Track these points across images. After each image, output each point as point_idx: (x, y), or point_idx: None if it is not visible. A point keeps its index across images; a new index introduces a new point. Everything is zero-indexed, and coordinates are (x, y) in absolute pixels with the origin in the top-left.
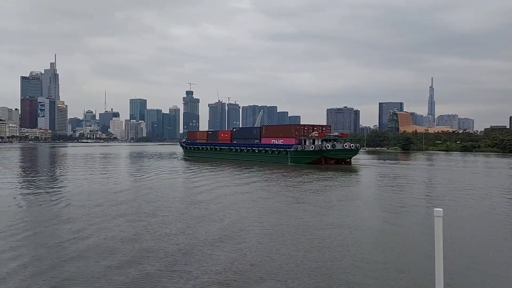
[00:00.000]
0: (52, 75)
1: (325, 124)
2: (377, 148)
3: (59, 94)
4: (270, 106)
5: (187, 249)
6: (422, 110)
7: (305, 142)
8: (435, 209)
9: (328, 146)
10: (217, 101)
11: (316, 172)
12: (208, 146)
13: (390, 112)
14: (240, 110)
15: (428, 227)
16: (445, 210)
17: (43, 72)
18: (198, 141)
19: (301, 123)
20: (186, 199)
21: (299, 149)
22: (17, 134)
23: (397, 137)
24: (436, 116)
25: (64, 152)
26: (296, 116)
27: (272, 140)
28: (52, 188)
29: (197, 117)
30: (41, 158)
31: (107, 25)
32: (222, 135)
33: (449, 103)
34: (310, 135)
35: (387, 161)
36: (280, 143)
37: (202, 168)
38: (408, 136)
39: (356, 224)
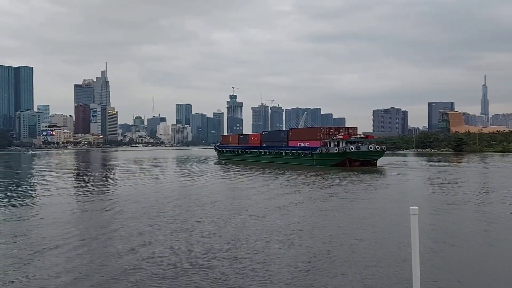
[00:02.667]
0: (103, 82)
1: (371, 125)
2: (427, 149)
3: (110, 101)
4: (314, 108)
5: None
6: (474, 110)
7: (329, 144)
8: (411, 207)
9: (352, 148)
10: (260, 104)
11: (338, 174)
12: (239, 149)
13: (441, 112)
14: (284, 113)
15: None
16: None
17: (95, 80)
18: (230, 145)
19: (346, 125)
20: (236, 203)
21: (324, 152)
22: (72, 140)
23: (449, 138)
24: (490, 116)
25: (115, 157)
26: (341, 118)
27: (299, 143)
28: (113, 192)
29: (240, 121)
30: (95, 162)
31: (152, 33)
32: (252, 139)
33: (504, 102)
34: (334, 137)
35: (441, 163)
36: (306, 145)
37: (239, 172)
38: (461, 137)
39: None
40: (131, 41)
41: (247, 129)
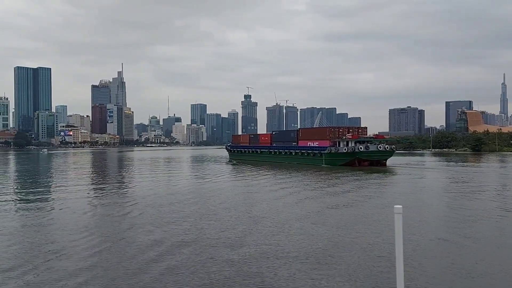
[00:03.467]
0: (120, 83)
1: (387, 125)
2: (444, 149)
3: (126, 101)
4: (329, 108)
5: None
6: (493, 109)
7: (339, 144)
8: (395, 206)
9: (361, 148)
10: (274, 104)
11: (348, 176)
12: (250, 149)
13: (458, 111)
14: (298, 112)
15: None
16: None
17: (111, 80)
18: (241, 144)
19: (362, 124)
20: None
21: (333, 151)
22: (88, 140)
23: (467, 138)
24: (509, 115)
25: (131, 156)
26: (357, 117)
27: (309, 143)
28: (129, 195)
29: (255, 121)
30: (112, 162)
31: (167, 34)
32: (262, 138)
33: None
34: (344, 137)
35: (459, 163)
36: (316, 145)
37: (251, 172)
38: (479, 137)
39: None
40: (146, 42)
41: (261, 129)
